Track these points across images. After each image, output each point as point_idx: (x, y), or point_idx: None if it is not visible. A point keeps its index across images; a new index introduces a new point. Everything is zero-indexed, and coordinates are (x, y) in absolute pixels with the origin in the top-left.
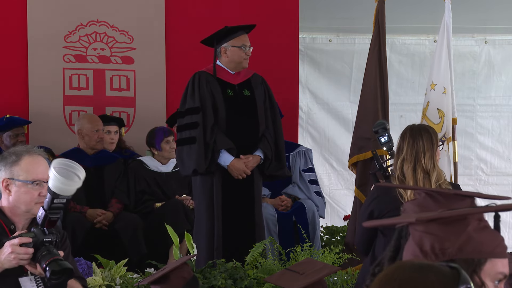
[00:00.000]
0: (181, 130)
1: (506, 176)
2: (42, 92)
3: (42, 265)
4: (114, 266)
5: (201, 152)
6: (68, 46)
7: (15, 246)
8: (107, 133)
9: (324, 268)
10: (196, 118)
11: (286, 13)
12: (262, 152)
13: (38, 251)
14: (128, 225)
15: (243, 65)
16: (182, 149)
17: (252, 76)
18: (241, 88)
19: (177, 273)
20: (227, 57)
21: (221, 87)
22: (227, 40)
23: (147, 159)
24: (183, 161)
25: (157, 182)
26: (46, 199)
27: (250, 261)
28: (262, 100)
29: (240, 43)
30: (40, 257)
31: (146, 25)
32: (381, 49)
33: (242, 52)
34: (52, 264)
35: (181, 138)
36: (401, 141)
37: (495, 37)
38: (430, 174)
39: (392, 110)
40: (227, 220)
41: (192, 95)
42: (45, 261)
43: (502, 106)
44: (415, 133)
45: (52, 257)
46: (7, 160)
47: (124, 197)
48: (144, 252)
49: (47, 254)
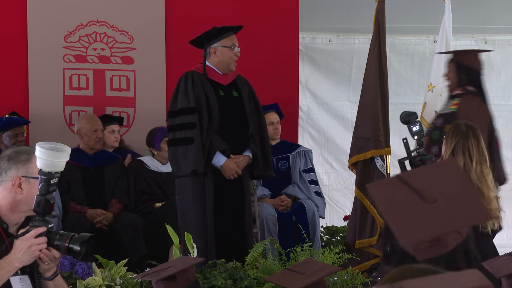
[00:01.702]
0: (174, 130)
1: None
2: (42, 92)
3: (64, 245)
4: (114, 266)
5: (199, 153)
6: (68, 46)
7: (32, 239)
8: (111, 132)
9: (324, 268)
10: (192, 118)
11: (286, 13)
12: (251, 152)
13: (50, 237)
14: (128, 225)
15: (231, 67)
16: (176, 149)
17: (237, 77)
18: (229, 88)
19: (184, 274)
20: (216, 57)
21: (213, 87)
22: (217, 40)
23: (147, 159)
24: (178, 161)
25: (157, 182)
26: (41, 185)
27: (250, 261)
28: (248, 101)
29: (230, 43)
30: (57, 241)
31: (146, 25)
32: (381, 49)
33: (231, 52)
34: (73, 240)
35: (175, 138)
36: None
37: (495, 37)
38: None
39: (391, 109)
40: (219, 220)
41: (185, 95)
42: (64, 241)
43: (500, 105)
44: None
45: (68, 236)
46: (18, 159)
47: (124, 197)
48: (144, 252)
49: (62, 236)
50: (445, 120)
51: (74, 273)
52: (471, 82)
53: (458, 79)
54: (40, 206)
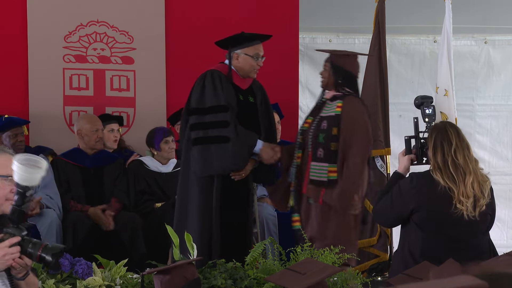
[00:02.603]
0: (205, 128)
1: (505, 176)
2: (42, 92)
3: (37, 254)
4: (114, 266)
5: (237, 151)
6: (68, 46)
7: (6, 248)
8: (111, 131)
9: (325, 269)
10: (225, 116)
11: (286, 13)
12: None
13: (23, 245)
14: (128, 225)
15: (251, 75)
16: (209, 147)
17: (253, 82)
18: (247, 93)
19: (179, 271)
20: (238, 63)
21: (235, 91)
22: (242, 47)
23: (147, 159)
24: (209, 160)
25: (157, 182)
26: (17, 197)
27: (250, 261)
28: (261, 107)
29: (254, 52)
30: (30, 249)
31: (146, 25)
32: (381, 49)
33: (254, 61)
34: (46, 250)
35: (208, 136)
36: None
37: (495, 37)
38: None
39: (391, 109)
40: (224, 221)
41: (214, 93)
42: (37, 250)
43: (501, 105)
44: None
45: (41, 245)
46: None
47: (123, 197)
48: (144, 252)
49: (35, 245)
50: (330, 123)
51: (74, 273)
52: (347, 85)
53: (333, 79)
54: (14, 215)
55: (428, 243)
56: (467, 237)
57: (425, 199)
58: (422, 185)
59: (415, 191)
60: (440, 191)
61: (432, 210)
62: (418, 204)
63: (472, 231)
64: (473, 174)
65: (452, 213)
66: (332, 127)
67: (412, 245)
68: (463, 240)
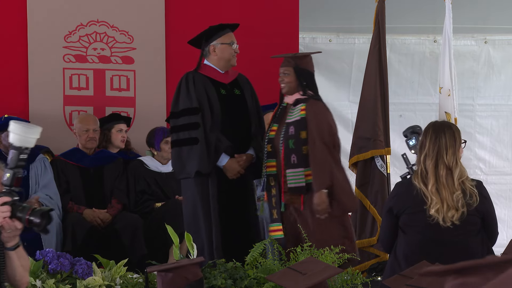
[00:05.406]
0: (177, 131)
1: (505, 176)
2: (42, 92)
3: (25, 217)
4: (114, 266)
5: (204, 153)
6: (68, 46)
7: None
8: (119, 131)
9: (327, 269)
10: (196, 118)
11: (286, 13)
12: (254, 150)
13: (13, 209)
14: (128, 225)
15: (232, 62)
16: (180, 150)
17: (239, 76)
18: (231, 87)
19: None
20: (216, 55)
21: (214, 86)
22: (215, 38)
23: (147, 159)
24: (183, 162)
25: (157, 182)
26: (11, 157)
27: (250, 261)
28: (250, 99)
29: (229, 39)
30: (19, 213)
31: (146, 25)
32: (381, 49)
33: (231, 48)
34: (34, 212)
35: (179, 139)
36: (424, 137)
37: (495, 37)
38: (453, 170)
39: (391, 109)
40: (224, 220)
41: (187, 95)
42: (25, 213)
43: (501, 105)
44: (438, 129)
45: (29, 209)
46: None
47: (123, 197)
48: (144, 252)
49: (24, 208)
50: (296, 127)
51: (74, 273)
52: (310, 86)
53: (297, 83)
54: (7, 179)
55: (410, 246)
56: (453, 239)
57: (405, 202)
58: (403, 191)
59: (397, 197)
60: (417, 195)
61: (412, 213)
62: (399, 209)
63: (457, 233)
64: (440, 183)
65: (430, 217)
66: (300, 131)
67: (398, 249)
68: (448, 242)
